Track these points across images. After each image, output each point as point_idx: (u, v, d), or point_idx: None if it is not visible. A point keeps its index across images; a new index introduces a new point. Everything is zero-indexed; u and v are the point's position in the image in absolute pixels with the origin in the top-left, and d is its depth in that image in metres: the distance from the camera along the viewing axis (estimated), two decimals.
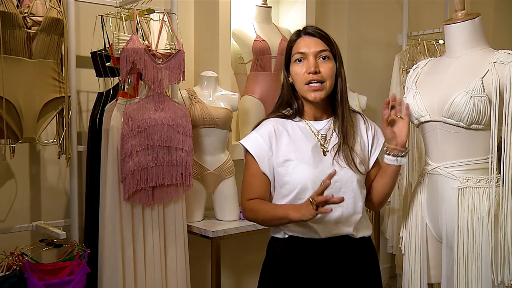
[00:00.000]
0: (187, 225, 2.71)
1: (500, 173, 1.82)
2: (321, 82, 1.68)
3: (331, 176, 1.54)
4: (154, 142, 2.47)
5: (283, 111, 1.78)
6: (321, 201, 1.51)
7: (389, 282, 4.32)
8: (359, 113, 1.84)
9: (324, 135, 1.73)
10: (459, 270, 1.85)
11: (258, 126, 1.76)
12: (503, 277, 1.79)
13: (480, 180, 1.85)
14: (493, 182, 1.83)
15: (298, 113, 1.76)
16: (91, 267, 2.43)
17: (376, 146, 1.81)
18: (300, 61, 1.70)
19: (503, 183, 1.80)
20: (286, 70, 1.75)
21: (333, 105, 1.76)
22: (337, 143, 1.71)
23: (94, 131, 2.59)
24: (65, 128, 2.45)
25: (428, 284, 2.01)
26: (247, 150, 1.73)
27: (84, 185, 2.69)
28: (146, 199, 2.48)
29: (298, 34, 1.74)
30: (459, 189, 1.86)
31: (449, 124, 1.86)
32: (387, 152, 1.76)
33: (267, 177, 1.71)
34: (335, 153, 1.70)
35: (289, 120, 1.75)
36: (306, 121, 1.75)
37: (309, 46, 1.69)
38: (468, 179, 1.86)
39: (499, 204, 1.81)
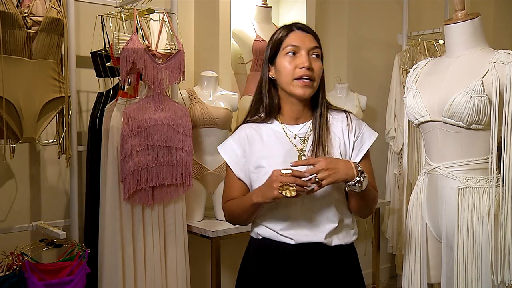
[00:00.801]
0: (187, 225, 2.71)
1: (500, 173, 1.82)
2: (312, 79, 1.62)
3: (301, 163, 1.50)
4: (154, 142, 2.47)
5: (259, 114, 1.72)
6: (299, 190, 1.46)
7: (389, 282, 4.32)
8: (347, 112, 1.73)
9: (303, 138, 1.66)
10: (459, 270, 1.85)
11: (234, 132, 1.75)
12: (503, 277, 1.79)
13: (480, 180, 1.85)
14: (493, 182, 1.83)
15: (273, 115, 1.68)
16: (91, 267, 2.43)
17: (359, 150, 1.68)
18: (292, 54, 1.63)
19: (503, 183, 1.80)
20: (270, 63, 1.67)
21: (314, 107, 1.69)
22: (314, 147, 1.63)
23: (94, 131, 2.59)
24: (65, 128, 2.45)
25: (428, 284, 2.02)
26: None
27: (84, 185, 2.69)
28: (146, 199, 2.48)
29: (290, 28, 1.67)
30: (459, 189, 1.86)
31: (449, 124, 1.86)
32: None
33: (244, 182, 1.69)
34: (314, 157, 1.60)
35: (264, 124, 1.69)
36: (282, 124, 1.68)
37: (303, 40, 1.64)
38: (468, 179, 1.86)
39: (499, 204, 1.81)
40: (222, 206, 1.75)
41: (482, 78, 1.81)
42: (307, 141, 1.65)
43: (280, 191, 1.46)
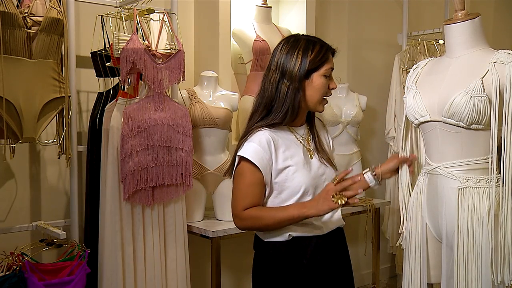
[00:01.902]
0: (187, 225, 2.71)
1: (500, 173, 1.82)
2: None
3: (347, 173, 1.67)
4: (154, 142, 2.47)
5: (266, 119, 1.74)
6: (351, 195, 1.61)
7: (389, 282, 4.32)
8: (317, 117, 1.94)
9: (307, 139, 1.82)
10: (459, 270, 1.85)
11: (254, 137, 1.72)
12: (503, 277, 1.79)
13: (480, 180, 1.85)
14: (493, 182, 1.83)
15: (288, 120, 1.75)
16: (91, 267, 2.43)
17: (332, 147, 1.95)
18: (327, 76, 1.75)
19: (503, 183, 1.80)
20: (306, 77, 1.73)
21: (309, 113, 1.85)
22: (315, 145, 1.83)
23: (94, 131, 2.59)
24: (65, 128, 2.45)
25: (428, 284, 2.02)
26: (243, 160, 1.70)
27: (84, 185, 2.69)
28: (146, 199, 2.48)
29: (332, 50, 1.78)
30: (459, 189, 1.85)
31: (449, 124, 1.86)
32: (374, 175, 1.86)
33: (265, 186, 1.73)
34: (318, 155, 1.81)
35: (278, 127, 1.76)
36: (289, 127, 1.80)
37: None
38: (468, 179, 1.86)
39: (499, 204, 1.81)
40: (238, 214, 1.71)
41: (482, 78, 1.81)
42: (309, 141, 1.82)
43: (334, 202, 1.61)
